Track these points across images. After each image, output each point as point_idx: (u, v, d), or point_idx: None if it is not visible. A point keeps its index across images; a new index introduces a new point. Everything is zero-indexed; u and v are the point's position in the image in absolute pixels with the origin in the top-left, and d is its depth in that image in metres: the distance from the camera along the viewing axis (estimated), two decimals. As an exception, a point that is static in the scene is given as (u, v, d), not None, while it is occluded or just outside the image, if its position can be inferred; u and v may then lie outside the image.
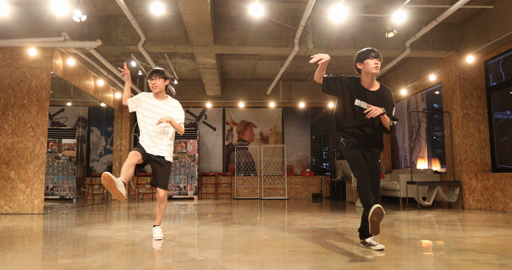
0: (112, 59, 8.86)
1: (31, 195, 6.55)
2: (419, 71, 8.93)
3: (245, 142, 11.74)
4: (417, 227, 4.77)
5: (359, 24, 7.30)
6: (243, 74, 10.82)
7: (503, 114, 7.17)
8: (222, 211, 7.17)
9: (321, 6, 6.69)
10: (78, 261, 2.87)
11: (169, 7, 6.64)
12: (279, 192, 11.41)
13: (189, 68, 10.00)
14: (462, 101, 7.35)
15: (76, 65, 7.92)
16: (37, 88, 6.79)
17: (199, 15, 5.78)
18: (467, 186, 7.15)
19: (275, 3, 6.61)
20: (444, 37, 7.43)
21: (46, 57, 6.86)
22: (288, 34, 7.17)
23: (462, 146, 7.25)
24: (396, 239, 3.88)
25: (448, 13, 6.04)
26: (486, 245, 3.48)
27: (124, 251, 3.30)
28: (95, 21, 7.00)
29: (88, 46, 6.71)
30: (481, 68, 7.44)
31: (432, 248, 3.41)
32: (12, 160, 6.61)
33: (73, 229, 4.71)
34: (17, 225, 5.01)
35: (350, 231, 4.44)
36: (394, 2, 6.58)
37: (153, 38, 6.98)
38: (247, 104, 11.64)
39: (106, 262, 2.85)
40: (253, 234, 4.25)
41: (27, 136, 6.68)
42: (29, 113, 6.73)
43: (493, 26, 6.53)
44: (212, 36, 6.64)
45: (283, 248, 3.40)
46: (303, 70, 10.28)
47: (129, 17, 6.01)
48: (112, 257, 3.07)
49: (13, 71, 6.81)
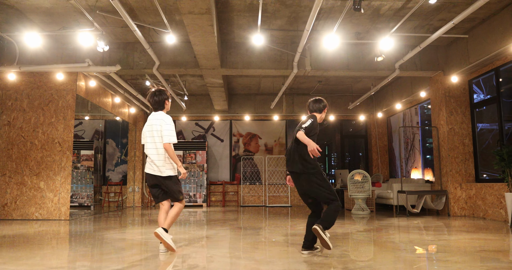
0: (128, 78, 9.70)
1: (58, 203, 7.35)
2: (411, 87, 9.63)
3: (250, 152, 12.49)
4: (399, 232, 5.46)
5: (352, 49, 8.04)
6: (248, 90, 11.60)
7: (483, 125, 7.88)
8: (229, 217, 7.91)
9: (316, 34, 7.44)
10: (104, 259, 3.63)
11: (181, 37, 7.44)
12: (282, 199, 12.12)
13: (198, 84, 10.80)
14: (448, 116, 8.03)
15: (96, 85, 8.76)
16: (64, 108, 7.62)
17: (207, 45, 6.56)
18: (452, 195, 7.81)
19: (275, 31, 7.38)
20: (431, 58, 8.13)
21: (71, 80, 7.70)
22: (287, 57, 7.93)
23: (448, 159, 7.92)
24: (378, 243, 4.57)
25: (430, 41, 6.75)
26: (454, 247, 4.17)
27: (141, 251, 4.05)
28: (114, 48, 7.83)
29: (109, 71, 7.53)
30: (465, 86, 8.12)
31: (405, 250, 4.11)
32: (41, 172, 7.42)
33: (100, 232, 5.48)
34: (46, 230, 5.79)
35: (346, 235, 5.14)
36: (383, 29, 7.31)
37: (166, 62, 7.79)
38: (253, 117, 12.41)
39: (129, 261, 3.60)
40: (258, 237, 4.98)
41: (55, 150, 7.50)
42: (56, 130, 7.56)
43: (473, 50, 7.22)
44: (219, 61, 7.43)
45: (281, 247, 4.12)
46: (304, 86, 11.03)
47: (146, 46, 6.81)
48: (132, 256, 3.82)
49: (43, 93, 7.66)
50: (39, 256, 3.72)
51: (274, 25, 7.14)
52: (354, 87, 11.23)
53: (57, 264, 3.38)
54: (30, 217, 7.30)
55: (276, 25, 7.14)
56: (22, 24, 6.92)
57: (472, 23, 7.00)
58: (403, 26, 7.08)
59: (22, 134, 7.53)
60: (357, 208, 8.58)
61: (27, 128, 7.56)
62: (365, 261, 3.44)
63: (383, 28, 7.26)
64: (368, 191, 8.58)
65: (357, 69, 8.02)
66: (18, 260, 3.52)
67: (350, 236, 5.15)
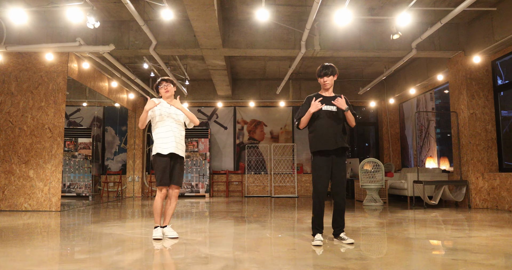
0: (125, 61, 9.14)
1: (48, 193, 6.86)
2: (427, 70, 8.98)
3: (255, 140, 11.93)
4: (418, 226, 4.90)
5: (365, 26, 7.40)
6: (253, 74, 11.00)
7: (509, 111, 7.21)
8: (233, 208, 7.39)
9: (327, 9, 6.81)
10: (94, 257, 3.11)
11: (178, 13, 6.85)
12: (289, 190, 11.59)
13: (200, 69, 10.22)
14: (469, 101, 7.40)
15: (90, 68, 8.21)
16: (54, 91, 7.09)
17: (207, 20, 5.97)
18: (473, 186, 7.22)
19: (281, 7, 6.76)
20: (451, 37, 7.48)
21: (62, 61, 7.16)
22: (295, 36, 7.31)
23: (468, 146, 7.31)
24: (395, 238, 4.02)
25: (452, 15, 6.10)
26: (481, 245, 3.61)
27: (138, 248, 3.53)
28: (108, 26, 7.26)
29: (102, 51, 6.97)
30: (488, 68, 7.47)
31: (427, 247, 3.55)
32: (31, 159, 6.93)
33: (89, 226, 4.98)
34: (35, 222, 5.31)
35: (357, 230, 4.59)
36: (399, 4, 6.67)
37: (163, 42, 7.21)
38: (258, 104, 11.82)
39: (121, 258, 3.08)
40: (262, 232, 4.45)
41: (45, 137, 6.99)
42: (46, 115, 7.04)
43: (498, 26, 6.57)
44: (220, 40, 6.83)
45: (284, 247, 3.58)
46: (312, 70, 10.40)
47: (140, 22, 6.23)
48: (126, 253, 3.30)
49: (31, 75, 7.13)
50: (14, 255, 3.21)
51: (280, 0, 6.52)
52: (365, 71, 10.59)
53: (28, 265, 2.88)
54: (19, 208, 6.83)
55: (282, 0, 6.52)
56: (7, 0, 6.36)
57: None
58: (421, 0, 6.43)
59: (10, 119, 7.02)
60: (369, 199, 8.02)
61: (15, 112, 7.04)
62: (388, 265, 2.90)
63: (400, 2, 6.62)
64: (381, 181, 8.01)
65: (370, 48, 7.38)
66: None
67: (364, 230, 4.60)
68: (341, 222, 3.83)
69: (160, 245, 3.69)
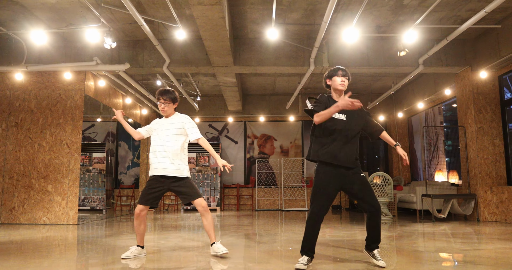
0: (139, 78, 9.43)
1: (66, 207, 7.08)
2: (435, 85, 9.11)
3: (265, 155, 12.10)
4: (427, 239, 4.99)
5: (372, 43, 7.59)
6: (263, 90, 11.22)
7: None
8: (244, 222, 7.52)
9: (335, 27, 7.03)
10: (109, 269, 3.28)
11: (191, 33, 7.12)
12: (299, 203, 11.68)
13: (211, 85, 10.48)
14: (476, 115, 7.50)
15: (106, 85, 8.50)
16: (72, 108, 7.37)
17: (219, 40, 6.22)
18: (482, 199, 7.27)
19: (290, 25, 7.00)
20: (458, 53, 7.63)
21: (79, 79, 7.45)
22: (304, 54, 7.53)
23: (476, 160, 7.39)
24: (404, 251, 4.13)
25: (458, 33, 6.27)
26: (490, 258, 3.70)
27: (151, 260, 3.69)
28: (123, 46, 7.55)
29: (118, 69, 7.25)
30: (495, 82, 7.59)
31: (436, 260, 3.65)
32: (49, 174, 7.17)
33: (105, 239, 5.16)
34: (54, 235, 5.50)
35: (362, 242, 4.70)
36: (406, 22, 6.86)
37: (176, 60, 7.47)
38: (268, 118, 12.02)
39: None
40: (273, 245, 4.58)
41: (63, 152, 7.24)
42: (64, 132, 7.30)
43: (504, 42, 6.71)
44: (231, 58, 7.07)
45: (295, 259, 3.71)
46: (321, 85, 10.58)
47: (155, 42, 6.50)
48: (140, 265, 3.46)
49: (50, 93, 7.42)
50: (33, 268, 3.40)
51: (289, 19, 6.75)
52: (373, 86, 10.75)
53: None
54: (38, 222, 7.04)
55: (291, 19, 6.75)
56: (28, 22, 6.70)
57: (504, 13, 6.50)
58: (428, 17, 6.61)
59: (29, 136, 7.30)
60: (378, 213, 8.08)
61: (35, 129, 7.32)
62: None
63: (406, 20, 6.81)
64: (390, 195, 8.10)
65: (378, 65, 7.56)
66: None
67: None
68: (376, 237, 3.38)
69: (173, 255, 3.85)
